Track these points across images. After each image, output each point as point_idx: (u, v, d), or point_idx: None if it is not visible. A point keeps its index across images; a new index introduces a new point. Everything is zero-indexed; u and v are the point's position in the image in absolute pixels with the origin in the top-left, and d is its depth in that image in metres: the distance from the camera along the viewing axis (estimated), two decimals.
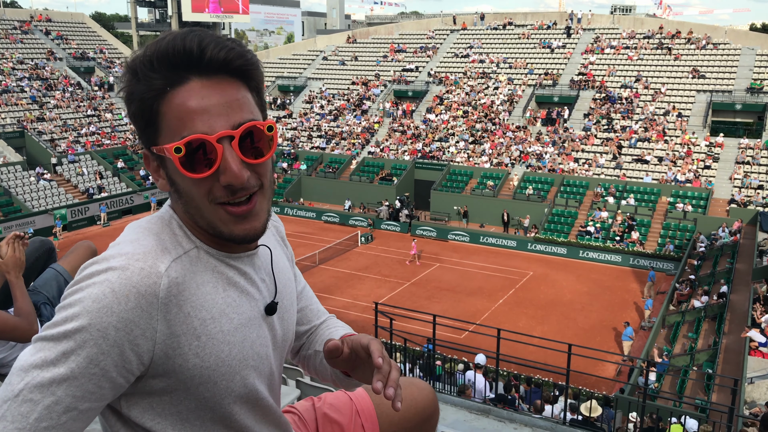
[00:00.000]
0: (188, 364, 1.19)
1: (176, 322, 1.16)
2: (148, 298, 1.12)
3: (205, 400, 1.24)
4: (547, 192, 33.99)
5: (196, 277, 1.22)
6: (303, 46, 57.47)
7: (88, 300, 1.09)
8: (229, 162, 1.16)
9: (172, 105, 1.16)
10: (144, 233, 1.23)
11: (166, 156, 1.18)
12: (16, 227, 31.94)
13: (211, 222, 1.22)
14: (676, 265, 27.30)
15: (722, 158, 33.54)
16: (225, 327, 1.24)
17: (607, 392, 15.45)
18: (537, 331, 21.15)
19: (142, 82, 1.16)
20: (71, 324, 1.08)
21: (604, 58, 43.36)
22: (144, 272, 1.13)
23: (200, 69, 1.16)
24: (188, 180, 1.18)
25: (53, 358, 1.07)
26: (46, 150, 38.40)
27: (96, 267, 1.14)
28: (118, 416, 1.23)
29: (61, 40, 51.60)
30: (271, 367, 1.39)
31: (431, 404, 1.89)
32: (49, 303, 3.38)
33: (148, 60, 1.16)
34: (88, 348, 1.08)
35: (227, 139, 1.16)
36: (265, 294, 1.38)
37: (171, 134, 1.17)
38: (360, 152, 40.93)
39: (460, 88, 44.37)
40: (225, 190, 1.18)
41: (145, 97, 1.16)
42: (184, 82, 1.16)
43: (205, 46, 1.15)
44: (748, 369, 14.50)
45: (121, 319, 1.09)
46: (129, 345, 1.11)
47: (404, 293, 25.52)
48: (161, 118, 1.17)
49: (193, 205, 1.21)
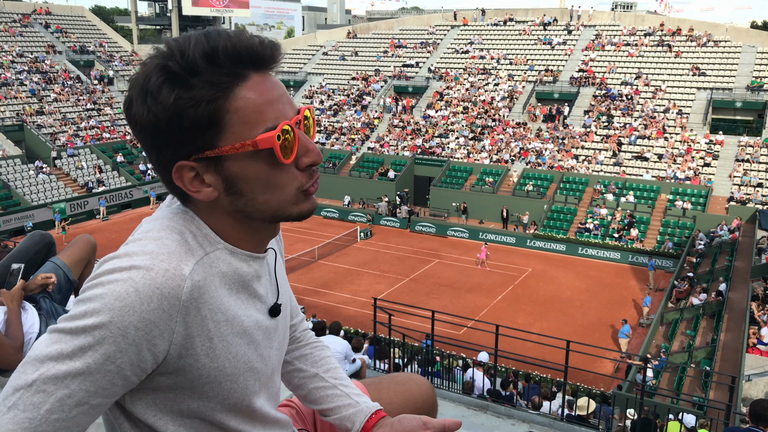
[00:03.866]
0: (198, 363, 1.19)
1: (194, 324, 1.16)
2: (170, 301, 1.11)
3: (208, 399, 1.25)
4: (546, 189, 34.00)
5: (215, 280, 1.22)
6: (303, 41, 57.37)
7: (110, 297, 1.08)
8: (307, 142, 1.23)
9: (245, 99, 1.15)
10: (167, 231, 1.21)
11: (244, 152, 1.17)
12: (15, 221, 31.94)
13: (281, 206, 1.24)
14: (675, 263, 27.33)
15: (722, 156, 33.54)
16: (236, 329, 1.25)
17: (605, 389, 15.48)
18: (535, 327, 21.18)
19: (203, 83, 1.13)
20: (91, 319, 1.08)
21: (604, 54, 43.31)
22: (168, 274, 1.12)
23: (256, 65, 1.19)
24: (273, 170, 1.20)
25: (70, 351, 1.07)
26: (45, 144, 38.35)
27: (119, 263, 1.13)
28: (122, 410, 1.24)
29: (61, 33, 51.48)
30: (272, 367, 1.40)
31: (430, 399, 1.89)
32: (48, 296, 3.39)
33: (209, 58, 1.14)
34: (107, 345, 1.08)
35: (295, 125, 1.22)
36: (270, 296, 1.39)
37: (246, 129, 1.15)
38: (360, 148, 40.91)
39: (460, 84, 44.32)
40: (303, 173, 1.23)
41: (214, 97, 1.13)
42: (248, 77, 1.17)
43: (259, 43, 1.20)
44: (745, 366, 14.54)
45: (142, 319, 1.09)
46: (147, 345, 1.11)
47: (403, 289, 25.54)
48: (226, 117, 1.15)
49: (267, 194, 1.22)
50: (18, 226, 31.80)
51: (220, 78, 1.14)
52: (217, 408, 1.27)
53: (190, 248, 1.19)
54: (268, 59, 1.20)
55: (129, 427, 1.25)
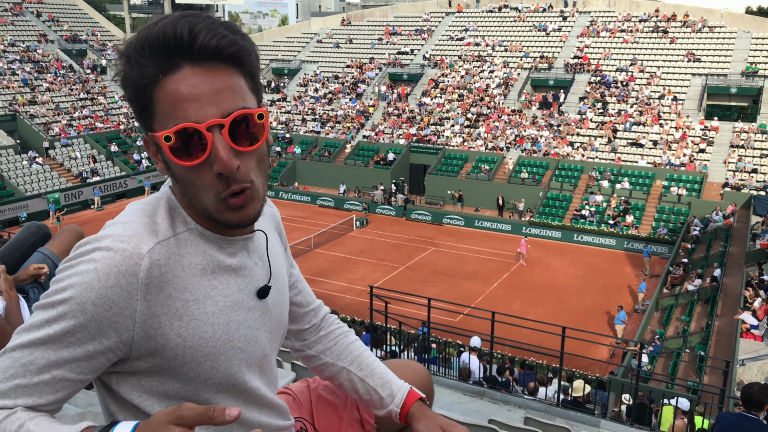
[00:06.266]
0: (170, 343, 1.22)
1: (157, 302, 1.20)
2: (128, 278, 1.17)
3: (189, 380, 1.27)
4: (542, 176, 34.02)
5: (182, 260, 1.25)
6: (297, 29, 57.01)
7: (74, 276, 1.16)
8: (219, 150, 1.16)
9: (165, 92, 1.16)
10: (138, 215, 1.26)
11: (159, 143, 1.20)
12: (9, 211, 31.83)
13: (206, 207, 1.23)
14: (669, 249, 27.44)
15: (717, 142, 33.60)
16: (209, 309, 1.27)
17: (601, 374, 15.59)
18: (531, 314, 21.26)
19: (135, 68, 1.17)
20: (58, 296, 1.16)
21: (599, 41, 43.20)
22: (126, 253, 1.17)
23: (192, 56, 1.16)
24: (181, 167, 1.20)
25: (38, 323, 1.17)
26: (38, 134, 38.13)
27: (87, 246, 1.20)
28: (110, 391, 1.29)
29: (53, 22, 51.03)
30: (263, 350, 1.40)
31: (427, 386, 1.90)
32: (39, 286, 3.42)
33: (140, 46, 1.16)
34: (68, 319, 1.15)
35: (217, 128, 1.17)
36: (258, 277, 1.39)
37: (164, 121, 1.18)
38: (355, 136, 40.81)
39: (455, 71, 44.18)
40: (218, 180, 1.19)
41: (138, 84, 1.17)
42: (176, 69, 1.16)
43: (196, 33, 1.15)
44: (739, 351, 14.65)
45: (100, 296, 1.15)
46: (107, 321, 1.16)
47: (399, 277, 25.59)
48: (154, 104, 1.18)
49: (190, 190, 1.23)
50: (12, 216, 31.69)
51: (146, 67, 1.16)
52: (202, 388, 1.29)
53: (156, 230, 1.24)
54: (199, 51, 1.16)
55: (116, 408, 1.29)
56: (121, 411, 1.28)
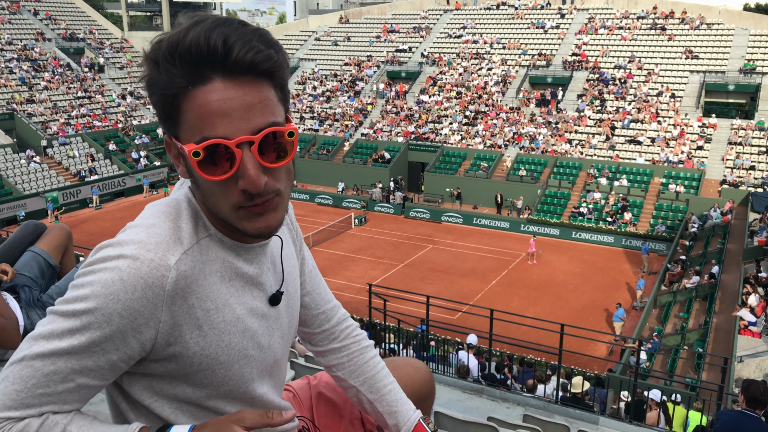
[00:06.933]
0: (188, 351, 1.22)
1: (180, 312, 1.20)
2: (154, 290, 1.15)
3: (202, 386, 1.27)
4: (540, 173, 34.02)
5: (204, 268, 1.24)
6: (295, 27, 56.91)
7: (98, 284, 1.13)
8: (248, 168, 1.14)
9: (194, 104, 1.12)
10: (161, 219, 1.23)
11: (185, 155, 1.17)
12: (7, 210, 31.77)
13: (227, 217, 1.21)
14: (668, 246, 27.47)
15: (715, 139, 33.61)
16: (227, 317, 1.26)
17: (599, 372, 15.61)
18: (530, 311, 21.29)
19: (164, 75, 1.13)
20: (80, 305, 1.14)
21: (597, 38, 43.18)
22: (153, 264, 1.15)
23: (225, 69, 1.12)
24: (207, 180, 1.18)
25: (59, 331, 1.14)
26: (36, 132, 38.05)
27: (110, 251, 1.17)
28: (120, 390, 1.29)
29: (50, 20, 50.89)
30: (274, 356, 1.40)
31: (428, 384, 1.90)
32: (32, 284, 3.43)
33: (170, 54, 1.12)
34: (92, 330, 1.14)
35: (247, 145, 1.14)
36: (271, 283, 1.38)
37: (190, 132, 1.15)
38: (353, 134, 40.78)
39: (453, 69, 44.14)
40: (243, 194, 1.17)
41: (166, 93, 1.14)
42: (207, 81, 1.12)
43: (231, 46, 1.10)
44: (737, 348, 14.66)
45: (126, 307, 1.13)
46: (132, 332, 1.16)
47: (398, 275, 25.60)
48: (181, 114, 1.15)
49: (211, 199, 1.21)
50: (11, 215, 31.64)
51: (175, 77, 1.12)
52: (213, 395, 1.29)
53: (181, 237, 1.21)
54: (234, 65, 1.11)
55: (127, 407, 1.29)
56: (132, 410, 1.28)
